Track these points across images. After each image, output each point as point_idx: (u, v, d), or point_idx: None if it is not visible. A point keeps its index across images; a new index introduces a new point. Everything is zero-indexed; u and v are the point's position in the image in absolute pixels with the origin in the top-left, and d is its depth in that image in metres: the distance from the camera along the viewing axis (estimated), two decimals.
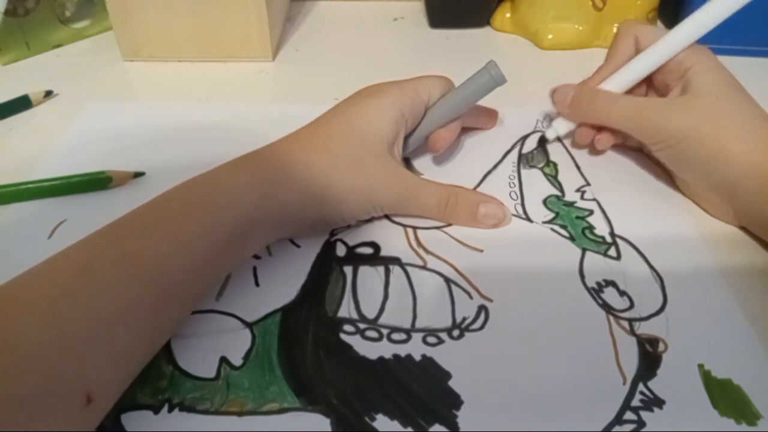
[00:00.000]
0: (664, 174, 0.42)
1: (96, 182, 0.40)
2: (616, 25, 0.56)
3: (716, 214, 0.39)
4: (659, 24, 0.60)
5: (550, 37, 0.57)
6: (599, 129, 0.42)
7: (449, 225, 0.38)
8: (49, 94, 0.49)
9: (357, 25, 0.62)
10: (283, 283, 0.34)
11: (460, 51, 0.58)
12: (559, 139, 0.44)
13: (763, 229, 0.36)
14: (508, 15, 0.60)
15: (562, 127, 0.43)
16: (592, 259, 0.36)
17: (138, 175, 0.41)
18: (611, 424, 0.28)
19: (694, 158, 0.37)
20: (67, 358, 0.24)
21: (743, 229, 0.38)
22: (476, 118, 0.45)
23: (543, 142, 0.44)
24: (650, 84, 0.42)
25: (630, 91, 0.41)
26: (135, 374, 0.28)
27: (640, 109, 0.38)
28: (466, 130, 0.44)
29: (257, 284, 0.34)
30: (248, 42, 0.53)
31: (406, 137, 0.39)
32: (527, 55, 0.57)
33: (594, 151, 0.43)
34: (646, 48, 0.40)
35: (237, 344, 0.31)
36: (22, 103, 0.48)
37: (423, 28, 0.62)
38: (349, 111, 0.36)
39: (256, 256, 0.35)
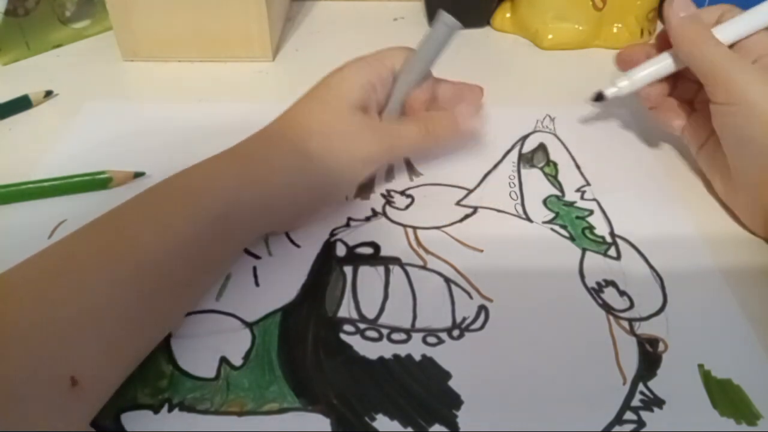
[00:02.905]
0: (665, 174, 0.42)
1: (96, 182, 0.40)
2: (616, 25, 0.57)
3: (748, 220, 0.38)
4: (659, 24, 0.60)
5: (550, 37, 0.57)
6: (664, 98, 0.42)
7: (449, 224, 0.38)
8: (49, 94, 0.49)
9: (357, 25, 0.62)
10: (283, 283, 0.34)
11: (460, 51, 0.58)
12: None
13: None
14: (508, 15, 0.60)
15: (625, 85, 0.41)
16: (592, 259, 0.36)
17: (138, 175, 0.41)
18: (611, 424, 0.28)
19: (760, 132, 0.35)
20: (47, 339, 0.24)
21: (744, 229, 0.38)
22: (460, 98, 0.45)
23: (600, 98, 0.42)
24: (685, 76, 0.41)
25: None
26: (127, 364, 0.28)
27: (735, 62, 0.36)
28: None
29: (257, 284, 0.34)
30: (248, 42, 0.53)
31: (380, 112, 0.39)
32: (527, 55, 0.57)
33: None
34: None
35: (237, 344, 0.31)
36: (22, 103, 0.48)
37: (423, 28, 0.61)
38: (316, 89, 0.38)
39: (256, 256, 0.35)
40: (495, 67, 0.55)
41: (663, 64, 0.41)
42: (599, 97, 0.43)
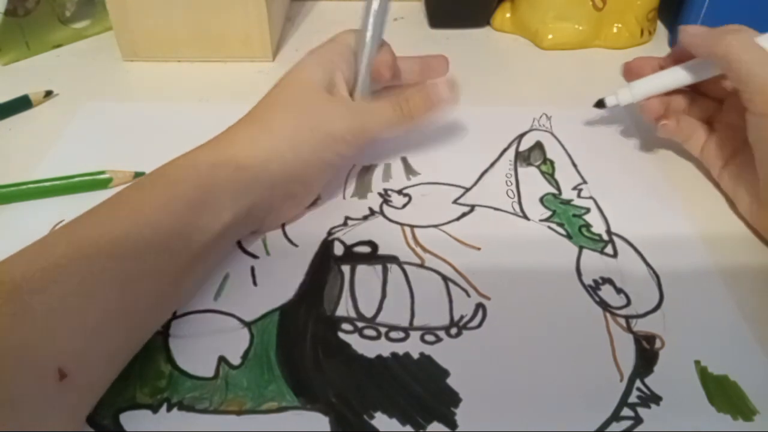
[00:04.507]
0: (661, 172, 0.42)
1: (96, 182, 0.40)
2: (616, 25, 0.57)
3: None
4: (659, 24, 0.60)
5: (550, 37, 0.57)
6: (665, 110, 0.41)
7: (447, 223, 0.38)
8: (49, 94, 0.49)
9: (357, 25, 0.62)
10: (282, 283, 0.34)
11: (460, 51, 0.58)
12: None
13: None
14: (508, 15, 0.60)
15: (626, 96, 0.42)
16: (589, 257, 0.36)
17: (138, 175, 0.41)
18: (608, 421, 0.28)
19: None
20: (30, 330, 0.24)
21: (746, 226, 0.38)
22: (429, 70, 0.45)
23: (601, 105, 0.43)
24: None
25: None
26: (116, 357, 0.28)
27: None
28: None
29: (255, 284, 0.34)
30: (248, 42, 0.53)
31: (352, 93, 0.39)
32: (527, 55, 0.57)
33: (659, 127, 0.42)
34: None
35: (235, 344, 0.31)
36: (22, 103, 0.48)
37: (423, 28, 0.62)
38: (281, 81, 0.38)
39: (254, 256, 0.36)
40: (495, 67, 0.55)
41: (667, 79, 0.41)
42: (600, 104, 0.43)
